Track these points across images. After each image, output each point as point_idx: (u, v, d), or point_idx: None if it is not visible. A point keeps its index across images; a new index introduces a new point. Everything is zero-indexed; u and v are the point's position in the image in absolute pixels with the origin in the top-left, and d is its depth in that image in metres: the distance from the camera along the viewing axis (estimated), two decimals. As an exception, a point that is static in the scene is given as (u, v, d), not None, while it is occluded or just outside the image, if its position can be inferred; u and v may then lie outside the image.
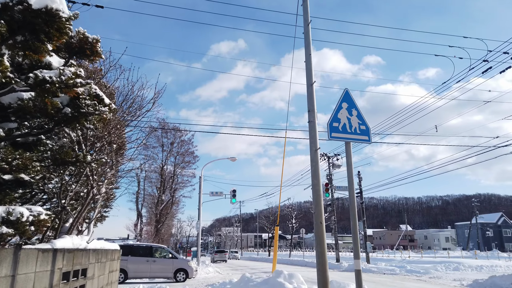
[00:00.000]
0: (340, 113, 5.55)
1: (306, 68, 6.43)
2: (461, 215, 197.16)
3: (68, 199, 5.56)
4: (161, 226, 47.80)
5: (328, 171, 33.76)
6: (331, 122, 5.46)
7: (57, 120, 4.06)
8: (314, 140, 5.99)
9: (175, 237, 77.57)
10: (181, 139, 47.30)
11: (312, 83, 6.31)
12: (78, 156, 4.62)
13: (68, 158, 4.45)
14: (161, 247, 19.52)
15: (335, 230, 32.53)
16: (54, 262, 4.24)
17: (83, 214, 6.06)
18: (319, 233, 5.64)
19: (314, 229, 5.80)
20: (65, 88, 3.57)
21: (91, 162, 4.94)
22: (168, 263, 18.10)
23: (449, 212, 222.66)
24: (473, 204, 67.52)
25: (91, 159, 4.99)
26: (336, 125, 5.48)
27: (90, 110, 4.01)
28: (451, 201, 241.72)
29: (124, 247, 18.59)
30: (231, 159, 27.34)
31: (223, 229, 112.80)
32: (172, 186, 47.14)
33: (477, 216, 65.95)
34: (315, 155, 6.00)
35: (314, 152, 5.99)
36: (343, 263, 29.47)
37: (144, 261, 17.61)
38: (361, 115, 5.69)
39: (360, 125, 5.64)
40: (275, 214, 59.14)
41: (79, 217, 5.87)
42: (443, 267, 25.15)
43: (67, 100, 4.00)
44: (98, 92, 4.11)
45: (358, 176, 29.07)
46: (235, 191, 31.06)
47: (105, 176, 7.07)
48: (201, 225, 27.66)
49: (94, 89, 4.06)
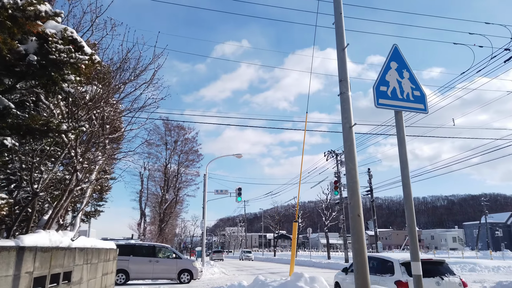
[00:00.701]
0: (389, 75, 4.42)
1: (336, 31, 5.34)
2: (467, 215, 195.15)
3: (43, 184, 4.50)
4: (165, 225, 46.86)
5: (336, 168, 32.62)
6: (377, 85, 4.33)
7: (19, 73, 3.02)
8: (347, 114, 4.92)
9: (179, 237, 76.66)
10: (185, 137, 46.34)
11: (344, 47, 5.24)
12: (50, 122, 3.54)
13: (35, 125, 3.37)
14: (165, 246, 18.54)
15: (343, 229, 31.40)
16: (20, 264, 3.20)
17: (65, 205, 4.99)
18: (357, 228, 4.58)
19: (350, 223, 4.74)
20: (22, 19, 2.52)
21: (67, 131, 3.85)
22: (172, 264, 17.10)
23: (455, 212, 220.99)
24: (482, 203, 66.03)
25: (68, 127, 3.90)
26: (383, 89, 4.35)
27: (63, 58, 2.95)
28: (457, 201, 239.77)
29: (126, 247, 17.68)
30: (237, 155, 26.29)
31: (227, 229, 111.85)
32: (176, 185, 46.22)
33: (487, 215, 64.48)
34: (350, 133, 4.93)
35: (348, 129, 4.92)
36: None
37: (146, 262, 16.66)
38: (414, 78, 4.54)
39: (414, 91, 4.52)
40: (280, 214, 58.14)
41: (60, 208, 4.80)
42: (458, 268, 23.96)
43: (35, 47, 2.98)
44: (75, 37, 3.08)
45: (368, 173, 27.91)
46: (240, 189, 30.01)
47: (95, 161, 5.99)
48: (205, 224, 26.61)
49: (70, 32, 3.02)
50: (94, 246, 5.47)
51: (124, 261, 16.38)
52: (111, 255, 6.98)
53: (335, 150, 32.81)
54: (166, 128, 45.44)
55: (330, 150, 32.68)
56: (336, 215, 35.32)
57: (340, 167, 32.52)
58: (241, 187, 30.16)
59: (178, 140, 46.10)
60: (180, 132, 45.96)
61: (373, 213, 27.31)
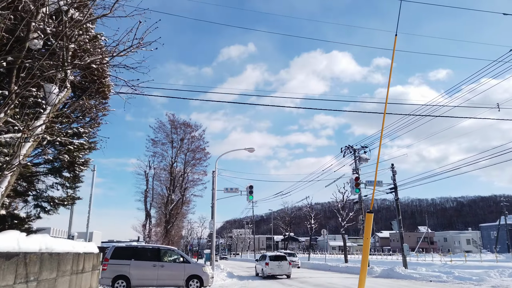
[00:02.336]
0: None
1: None
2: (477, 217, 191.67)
3: None
4: (171, 227, 44.79)
5: (354, 165, 30.39)
6: None
7: None
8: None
9: (185, 239, 74.58)
10: (191, 135, 44.35)
11: None
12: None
13: None
14: (171, 249, 16.44)
15: (363, 230, 29.14)
16: None
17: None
18: None
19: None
20: None
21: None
22: (179, 269, 15.00)
23: (464, 214, 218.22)
24: (502, 204, 63.29)
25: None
26: None
27: None
28: (466, 202, 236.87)
29: (127, 250, 15.72)
30: (249, 149, 24.19)
31: (234, 231, 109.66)
32: (182, 185, 44.12)
33: (507, 216, 61.73)
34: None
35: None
36: (373, 267, 26.04)
37: (150, 266, 14.61)
38: None
39: None
40: (291, 214, 55.85)
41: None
42: (496, 273, 21.60)
43: None
44: None
45: (392, 169, 25.61)
46: (252, 187, 27.83)
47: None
48: (215, 224, 24.53)
49: None
50: (49, 249, 3.35)
51: (125, 266, 14.36)
52: (89, 263, 4.82)
53: (353, 146, 30.63)
54: (172, 125, 43.53)
55: (348, 146, 30.51)
56: (353, 215, 33.07)
57: (358, 164, 30.32)
58: (253, 185, 27.97)
59: (185, 138, 44.12)
60: (187, 129, 44.00)
61: (397, 212, 24.97)
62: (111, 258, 14.43)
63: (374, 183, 24.91)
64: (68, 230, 21.64)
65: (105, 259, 14.15)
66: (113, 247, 15.55)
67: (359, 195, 29.76)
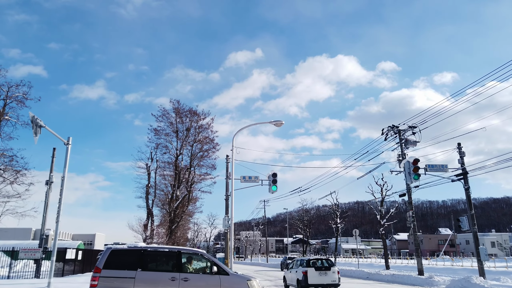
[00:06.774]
0: None
1: None
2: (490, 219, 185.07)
3: None
4: (176, 227, 39.38)
5: (399, 149, 24.85)
6: None
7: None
8: None
9: (191, 241, 68.97)
10: (198, 124, 38.97)
11: None
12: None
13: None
14: (197, 253, 10.01)
15: (414, 229, 23.53)
16: None
17: None
18: None
19: None
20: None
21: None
22: (212, 283, 9.04)
23: (477, 216, 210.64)
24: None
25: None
26: None
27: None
28: (478, 204, 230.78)
29: (130, 254, 9.55)
30: (276, 123, 18.73)
31: (242, 233, 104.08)
32: (188, 180, 38.60)
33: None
34: None
35: None
36: (433, 276, 20.36)
37: (166, 280, 8.80)
38: None
39: None
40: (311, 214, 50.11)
41: None
42: None
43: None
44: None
45: (458, 150, 19.96)
46: (275, 175, 22.26)
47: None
48: (233, 219, 18.98)
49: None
50: None
51: (127, 280, 8.70)
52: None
53: (398, 125, 25.11)
54: (177, 113, 38.22)
55: (392, 125, 24.96)
56: (394, 212, 27.56)
57: (404, 148, 24.74)
58: (276, 173, 22.38)
59: (191, 128, 38.79)
60: (193, 118, 38.62)
61: (468, 206, 19.30)
62: (105, 268, 8.91)
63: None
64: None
65: (95, 269, 8.86)
66: (108, 249, 9.57)
67: (407, 187, 24.23)
